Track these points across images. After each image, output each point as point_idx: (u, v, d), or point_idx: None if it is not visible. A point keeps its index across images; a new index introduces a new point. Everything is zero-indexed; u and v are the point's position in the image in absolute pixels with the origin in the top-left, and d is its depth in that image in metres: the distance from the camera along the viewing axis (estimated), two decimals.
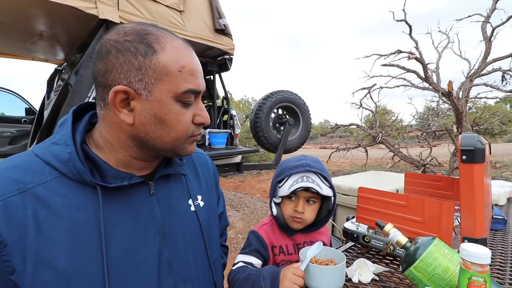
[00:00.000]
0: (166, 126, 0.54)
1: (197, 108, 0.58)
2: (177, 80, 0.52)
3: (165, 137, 0.55)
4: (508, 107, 18.49)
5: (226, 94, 4.12)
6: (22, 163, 0.51)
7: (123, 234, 0.53)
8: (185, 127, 0.56)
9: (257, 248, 0.87)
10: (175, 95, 0.52)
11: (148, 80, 0.51)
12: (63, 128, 0.55)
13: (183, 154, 0.60)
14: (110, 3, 2.41)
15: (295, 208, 0.86)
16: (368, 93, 7.38)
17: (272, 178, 0.93)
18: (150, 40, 0.51)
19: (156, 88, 0.51)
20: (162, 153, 0.59)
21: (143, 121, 0.53)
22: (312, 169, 0.84)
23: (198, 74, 0.56)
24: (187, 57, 0.54)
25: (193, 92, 0.55)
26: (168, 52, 0.52)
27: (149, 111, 0.52)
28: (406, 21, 6.44)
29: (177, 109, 0.54)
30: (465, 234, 0.77)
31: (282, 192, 0.87)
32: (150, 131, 0.54)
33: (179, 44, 0.55)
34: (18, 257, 0.44)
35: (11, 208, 0.45)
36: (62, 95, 2.29)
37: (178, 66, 0.52)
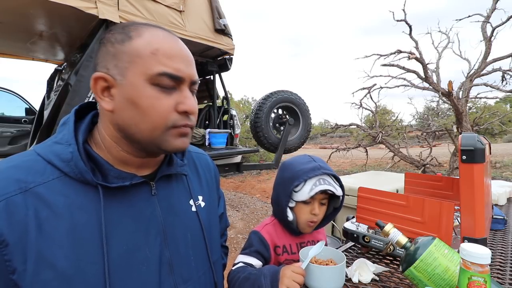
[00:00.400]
0: (140, 111, 0.51)
1: (181, 95, 0.54)
2: (150, 62, 0.51)
3: (141, 124, 0.52)
4: (508, 107, 18.49)
5: (226, 94, 4.12)
6: (23, 162, 0.51)
7: (124, 234, 0.53)
8: (161, 113, 0.52)
9: (258, 249, 0.87)
10: (148, 77, 0.51)
11: (122, 64, 0.51)
12: (65, 128, 0.55)
13: (168, 148, 0.55)
14: (110, 3, 2.41)
15: (312, 211, 0.86)
16: (368, 93, 7.38)
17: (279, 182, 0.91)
18: (129, 29, 0.53)
19: (129, 71, 0.51)
20: (146, 146, 0.55)
21: (120, 107, 0.52)
22: (326, 171, 0.85)
23: (177, 59, 0.53)
24: (164, 41, 0.53)
25: (169, 76, 0.51)
26: (144, 37, 0.52)
27: (123, 95, 0.52)
28: (406, 21, 6.44)
29: (150, 92, 0.51)
30: (465, 234, 0.77)
31: (300, 197, 0.85)
32: (127, 117, 0.52)
33: (159, 32, 0.54)
34: (19, 256, 0.44)
35: (12, 207, 0.45)
36: (62, 95, 2.29)
37: (152, 48, 0.51)
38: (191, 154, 0.76)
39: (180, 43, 0.56)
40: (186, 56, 0.55)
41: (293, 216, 0.88)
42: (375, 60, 7.03)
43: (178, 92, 0.54)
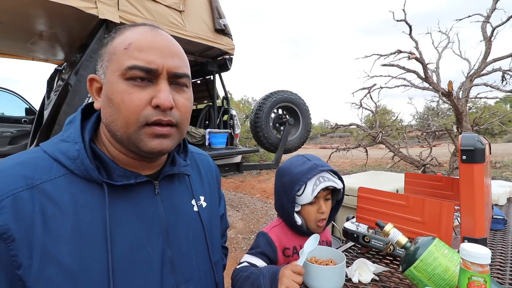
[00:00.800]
0: (113, 107, 0.51)
1: (156, 89, 0.52)
2: (122, 58, 0.51)
3: (117, 121, 0.51)
4: (508, 107, 18.50)
5: (226, 94, 4.12)
6: (30, 159, 0.51)
7: (128, 233, 0.53)
8: (131, 108, 0.50)
9: (264, 250, 0.86)
10: (121, 73, 0.51)
11: (103, 64, 0.54)
12: (72, 126, 0.56)
13: (144, 148, 0.52)
14: (110, 3, 2.41)
15: (319, 210, 0.87)
16: (368, 93, 7.38)
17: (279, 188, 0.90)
18: (115, 31, 0.55)
19: (108, 69, 0.53)
20: (127, 145, 0.54)
21: (103, 105, 0.54)
22: (323, 168, 0.86)
23: (150, 50, 0.51)
24: (139, 36, 0.52)
25: (140, 69, 0.50)
26: (123, 36, 0.53)
27: (104, 92, 0.53)
28: (406, 21, 6.44)
29: (122, 88, 0.50)
30: (465, 234, 0.77)
31: (304, 200, 0.85)
32: (107, 114, 0.53)
33: (141, 28, 0.54)
34: (25, 252, 0.44)
35: (19, 203, 0.45)
36: (62, 95, 2.29)
37: (125, 44, 0.51)
38: (193, 154, 0.77)
39: (160, 35, 0.54)
40: (163, 47, 0.53)
41: (301, 220, 0.88)
42: (375, 60, 7.03)
43: (154, 86, 0.52)
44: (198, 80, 4.41)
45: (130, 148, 0.55)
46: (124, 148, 0.56)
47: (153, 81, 0.52)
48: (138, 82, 0.51)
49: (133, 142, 0.52)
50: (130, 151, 0.56)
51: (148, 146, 0.52)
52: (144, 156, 0.57)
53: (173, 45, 0.56)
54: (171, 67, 0.53)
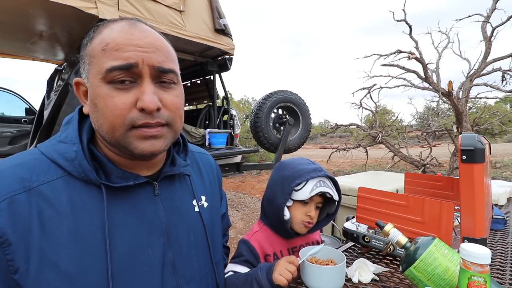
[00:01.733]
0: (99, 112, 0.50)
1: (139, 90, 0.49)
2: (101, 60, 0.49)
3: (103, 126, 0.50)
4: (508, 107, 18.49)
5: (226, 94, 4.12)
6: (28, 161, 0.50)
7: (127, 235, 0.53)
8: (115, 112, 0.48)
9: (247, 258, 0.85)
10: (102, 76, 0.48)
11: (85, 67, 0.52)
12: (69, 127, 0.55)
13: (134, 151, 0.51)
14: (110, 3, 2.41)
15: (308, 213, 0.86)
16: (368, 93, 7.38)
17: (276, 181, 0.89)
18: (94, 29, 0.53)
19: (90, 73, 0.51)
20: (118, 148, 0.53)
21: (89, 110, 0.53)
22: (327, 174, 0.87)
23: (127, 47, 0.48)
24: (115, 34, 0.49)
25: (119, 69, 0.47)
26: (101, 35, 0.51)
27: (89, 97, 0.52)
28: (406, 21, 6.44)
29: (105, 91, 0.48)
30: (465, 234, 0.77)
31: (300, 196, 0.84)
32: (94, 119, 0.52)
33: (118, 25, 0.51)
34: (21, 256, 0.44)
35: (16, 206, 0.45)
36: (62, 95, 2.29)
37: (103, 45, 0.49)
38: (193, 154, 0.76)
39: (139, 31, 0.51)
40: (142, 43, 0.49)
41: (289, 215, 0.86)
42: (375, 60, 7.03)
43: (138, 87, 0.50)
44: (198, 80, 4.41)
45: (122, 151, 0.54)
46: (118, 151, 0.55)
47: (137, 82, 0.50)
48: (120, 84, 0.49)
49: (123, 145, 0.51)
50: (124, 153, 0.55)
51: (139, 148, 0.51)
52: (138, 158, 0.56)
53: (154, 39, 0.52)
54: (154, 62, 0.50)
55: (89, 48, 0.51)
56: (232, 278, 0.79)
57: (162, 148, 0.54)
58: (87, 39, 0.53)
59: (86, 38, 0.53)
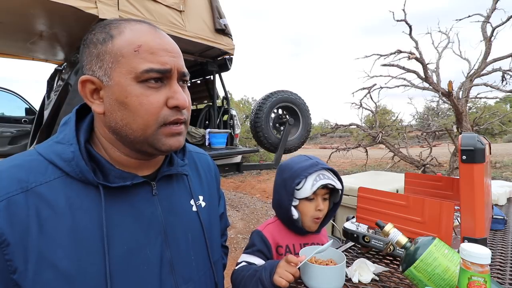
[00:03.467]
0: (129, 111, 0.51)
1: (171, 90, 0.53)
2: (134, 60, 0.50)
3: (132, 124, 0.51)
4: (508, 107, 18.50)
5: (226, 94, 4.12)
6: (25, 162, 0.50)
7: (125, 235, 0.53)
8: (150, 110, 0.51)
9: (260, 248, 0.87)
10: (135, 76, 0.50)
11: (106, 65, 0.51)
12: (67, 127, 0.55)
13: (161, 148, 0.54)
14: (110, 3, 2.41)
15: (317, 207, 0.88)
16: (368, 93, 7.38)
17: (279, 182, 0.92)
18: (110, 28, 0.53)
19: (114, 72, 0.50)
20: (141, 147, 0.54)
21: (109, 109, 0.52)
22: (324, 166, 0.88)
23: (161, 52, 0.51)
24: (146, 37, 0.51)
25: (157, 72, 0.50)
26: (126, 34, 0.51)
27: (112, 96, 0.51)
28: (406, 21, 6.44)
29: (138, 91, 0.50)
30: (465, 234, 0.77)
31: (303, 194, 0.86)
32: (118, 118, 0.52)
33: (140, 27, 0.53)
34: (20, 256, 0.44)
35: (14, 207, 0.45)
36: (62, 95, 2.30)
37: (134, 46, 0.50)
38: (191, 154, 0.76)
39: (163, 36, 0.55)
40: (170, 48, 0.54)
41: (298, 214, 0.89)
42: (375, 60, 7.03)
43: (167, 87, 0.53)
44: (198, 80, 4.41)
45: (142, 149, 0.55)
46: (130, 150, 0.55)
47: (164, 82, 0.53)
48: (152, 83, 0.51)
49: (150, 143, 0.53)
50: (139, 152, 0.56)
51: (167, 145, 0.54)
52: (154, 154, 0.59)
53: (176, 45, 0.56)
54: (180, 67, 0.54)
55: (112, 47, 0.51)
56: (243, 270, 0.80)
57: (183, 143, 0.59)
58: (103, 36, 0.51)
59: (101, 35, 0.52)
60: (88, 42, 0.53)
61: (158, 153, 0.58)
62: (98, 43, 0.52)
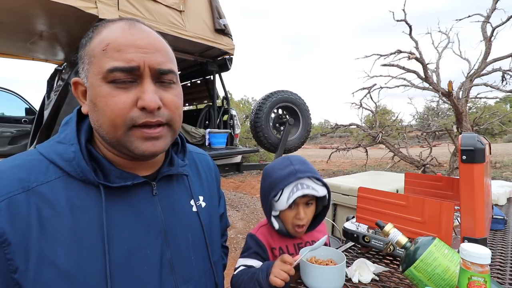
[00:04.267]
0: (99, 111, 0.50)
1: (140, 89, 0.50)
2: (102, 60, 0.49)
3: (103, 125, 0.50)
4: (508, 107, 18.50)
5: (226, 94, 4.12)
6: (26, 161, 0.51)
7: (125, 234, 0.53)
8: (116, 111, 0.48)
9: (256, 250, 0.87)
10: (102, 76, 0.49)
11: (84, 67, 0.52)
12: (68, 127, 0.55)
13: (135, 151, 0.51)
14: (110, 3, 2.41)
15: (296, 216, 0.85)
16: (368, 93, 7.38)
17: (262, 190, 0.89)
18: (92, 30, 0.53)
19: (89, 72, 0.51)
20: (119, 148, 0.53)
21: (89, 109, 0.53)
22: (303, 175, 0.82)
23: (129, 49, 0.49)
24: (116, 34, 0.50)
25: (121, 70, 0.48)
26: (101, 35, 0.51)
27: (88, 97, 0.52)
28: (406, 21, 6.44)
29: (106, 91, 0.49)
30: (465, 234, 0.77)
31: (280, 206, 0.83)
32: (94, 119, 0.52)
33: (118, 25, 0.52)
34: (21, 255, 0.44)
35: (15, 206, 0.45)
36: (62, 95, 2.29)
37: (103, 45, 0.49)
38: (192, 154, 0.76)
39: (138, 31, 0.51)
40: (143, 43, 0.50)
41: (278, 225, 0.87)
42: (375, 60, 7.03)
43: (138, 87, 0.50)
44: (198, 80, 4.41)
45: (122, 151, 0.54)
46: (117, 151, 0.55)
47: (137, 81, 0.50)
48: (121, 84, 0.49)
49: (123, 145, 0.51)
50: (124, 154, 0.55)
51: (140, 149, 0.51)
52: (138, 158, 0.56)
53: (154, 40, 0.53)
54: (154, 63, 0.51)
55: (89, 48, 0.51)
56: (242, 274, 0.80)
57: (163, 148, 0.55)
58: (86, 39, 0.53)
59: (85, 38, 0.53)
60: (79, 46, 0.55)
61: (137, 156, 0.54)
62: (82, 47, 0.53)
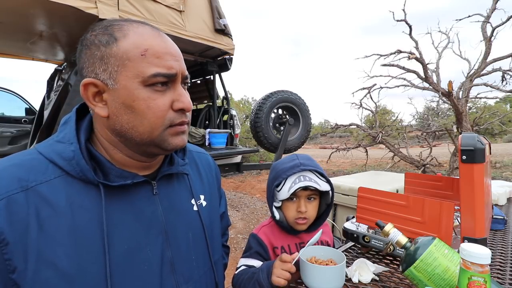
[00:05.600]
0: (137, 114, 0.51)
1: (176, 93, 0.54)
2: (141, 65, 0.50)
3: (139, 127, 0.52)
4: (508, 107, 18.50)
5: (226, 94, 4.12)
6: (25, 161, 0.50)
7: (125, 234, 0.53)
8: (158, 113, 0.52)
9: (257, 250, 0.88)
10: (142, 80, 0.50)
11: (111, 68, 0.51)
12: (67, 127, 0.55)
13: (167, 147, 0.55)
14: (110, 3, 2.41)
15: (298, 209, 0.87)
16: (368, 93, 7.37)
17: (267, 183, 0.92)
18: (112, 29, 0.52)
19: (121, 75, 0.50)
20: (146, 148, 0.55)
21: (115, 112, 0.52)
22: (307, 167, 0.86)
23: (167, 56, 0.52)
24: (151, 41, 0.52)
25: (163, 76, 0.51)
26: (130, 37, 0.51)
27: (118, 100, 0.51)
28: (406, 21, 6.43)
29: (145, 94, 0.51)
30: (465, 234, 0.77)
31: (282, 196, 0.86)
32: (124, 122, 0.52)
33: (144, 29, 0.53)
34: (19, 255, 0.44)
35: (14, 206, 0.45)
36: (62, 95, 2.30)
37: (141, 50, 0.50)
38: (192, 153, 0.76)
39: (167, 39, 0.55)
40: (174, 52, 0.55)
41: (279, 215, 0.89)
42: (375, 60, 7.02)
43: (171, 90, 0.54)
44: (198, 80, 4.41)
45: (148, 150, 0.56)
46: (134, 152, 0.56)
47: (169, 85, 0.54)
48: (159, 87, 0.52)
49: (157, 144, 0.54)
50: (142, 154, 0.57)
51: (173, 144, 0.56)
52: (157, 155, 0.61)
53: (178, 48, 0.57)
54: (183, 70, 0.56)
55: (118, 50, 0.50)
56: (242, 274, 0.81)
57: (186, 142, 0.60)
58: (106, 39, 0.51)
59: (103, 37, 0.51)
60: (89, 44, 0.52)
61: (163, 153, 0.60)
62: (101, 45, 0.51)
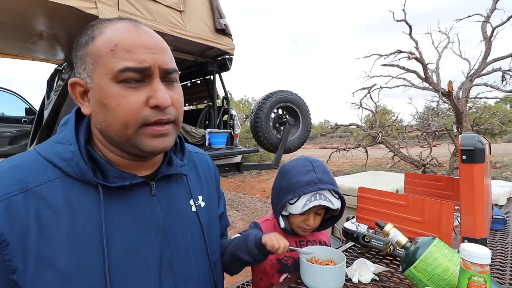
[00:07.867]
0: (109, 112, 0.50)
1: (151, 89, 0.51)
2: (111, 60, 0.49)
3: (113, 125, 0.50)
4: (508, 107, 18.48)
5: (226, 94, 4.11)
6: (25, 162, 0.51)
7: (124, 235, 0.53)
8: (128, 111, 0.49)
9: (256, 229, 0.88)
10: (112, 76, 0.49)
11: (88, 67, 0.51)
12: (66, 128, 0.55)
13: (144, 149, 0.52)
14: (110, 3, 2.41)
15: (306, 221, 0.87)
16: (368, 93, 7.38)
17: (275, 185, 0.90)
18: (92, 29, 0.52)
19: (95, 73, 0.50)
20: (127, 148, 0.54)
21: (94, 110, 0.52)
22: (324, 187, 0.82)
23: (139, 49, 0.50)
24: (123, 35, 0.50)
25: (133, 70, 0.49)
26: (105, 35, 0.50)
27: (94, 97, 0.51)
28: (406, 21, 6.44)
29: (116, 91, 0.49)
30: (465, 234, 0.77)
31: (294, 210, 0.84)
32: (101, 119, 0.51)
33: (120, 25, 0.52)
34: (19, 256, 0.44)
35: (14, 207, 0.45)
36: (62, 95, 2.29)
37: (111, 45, 0.49)
38: (191, 154, 0.76)
39: (144, 32, 0.53)
40: (150, 44, 0.52)
41: (285, 224, 0.89)
42: (375, 60, 7.03)
43: (148, 86, 0.51)
44: (198, 80, 4.40)
45: (129, 150, 0.54)
46: (121, 151, 0.55)
47: (146, 81, 0.51)
48: (132, 83, 0.50)
49: (133, 144, 0.52)
50: (127, 153, 0.55)
51: (150, 146, 0.52)
52: (143, 156, 0.56)
53: (159, 41, 0.54)
54: (162, 63, 0.52)
55: (92, 48, 0.51)
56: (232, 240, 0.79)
57: (170, 145, 0.56)
58: (85, 39, 0.52)
59: (84, 37, 0.52)
60: (75, 45, 0.53)
61: (145, 154, 0.55)
62: (82, 46, 0.52)
